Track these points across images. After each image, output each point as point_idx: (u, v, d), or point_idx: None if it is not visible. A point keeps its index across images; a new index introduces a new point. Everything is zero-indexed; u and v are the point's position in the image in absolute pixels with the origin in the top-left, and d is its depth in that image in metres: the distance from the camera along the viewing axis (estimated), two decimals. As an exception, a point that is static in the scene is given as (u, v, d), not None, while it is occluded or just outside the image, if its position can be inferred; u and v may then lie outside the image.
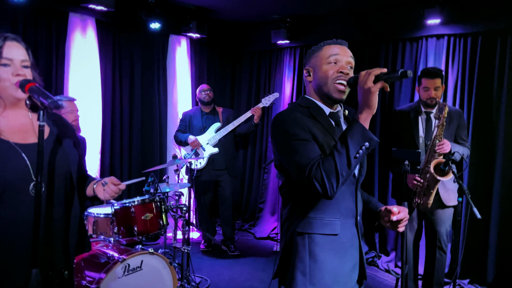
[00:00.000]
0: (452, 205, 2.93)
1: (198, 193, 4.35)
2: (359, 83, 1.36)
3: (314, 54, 1.53)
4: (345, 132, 1.36)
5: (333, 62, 1.49)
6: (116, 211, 2.70)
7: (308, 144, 1.40)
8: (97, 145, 3.94)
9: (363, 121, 1.36)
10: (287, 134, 1.41)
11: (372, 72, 1.34)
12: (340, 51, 1.50)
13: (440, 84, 2.90)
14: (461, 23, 3.77)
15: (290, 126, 1.42)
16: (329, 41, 1.52)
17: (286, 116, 1.46)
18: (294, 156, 1.39)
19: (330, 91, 1.48)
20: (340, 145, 1.34)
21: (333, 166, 1.33)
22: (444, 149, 2.78)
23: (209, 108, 4.31)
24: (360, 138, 1.34)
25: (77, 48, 3.78)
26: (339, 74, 1.47)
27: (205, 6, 4.53)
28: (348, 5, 4.32)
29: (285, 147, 1.42)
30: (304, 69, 1.57)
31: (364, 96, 1.34)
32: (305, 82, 1.58)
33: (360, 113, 1.36)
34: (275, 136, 1.47)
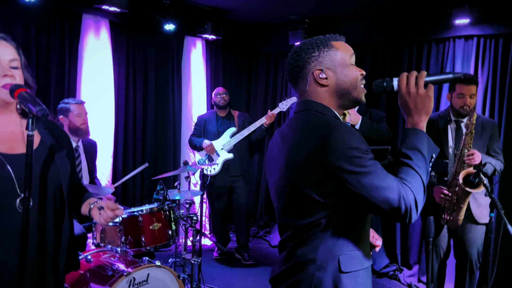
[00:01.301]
0: (485, 222, 2.70)
1: (212, 199, 4.23)
2: (404, 88, 1.23)
3: (326, 52, 1.28)
4: (412, 142, 1.20)
5: (353, 63, 1.32)
6: (123, 220, 2.59)
7: (378, 163, 1.18)
8: (110, 149, 3.86)
9: (425, 129, 1.23)
10: (357, 151, 1.14)
11: (422, 75, 1.22)
12: (351, 49, 1.33)
13: (475, 92, 2.68)
14: (492, 23, 3.52)
15: (356, 140, 1.15)
16: (332, 35, 1.32)
17: (340, 128, 1.17)
18: (376, 180, 1.13)
19: (359, 95, 1.31)
20: (416, 157, 1.19)
21: (421, 184, 1.17)
22: (475, 160, 2.56)
23: (224, 112, 4.18)
24: (428, 149, 1.21)
25: (90, 50, 3.71)
26: (361, 76, 1.32)
27: (220, 7, 4.42)
28: (368, 5, 4.12)
29: (358, 170, 1.13)
30: (316, 70, 1.28)
31: (420, 102, 1.21)
32: (314, 84, 1.30)
33: (419, 121, 1.23)
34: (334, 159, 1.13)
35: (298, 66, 1.30)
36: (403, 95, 1.23)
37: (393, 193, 1.12)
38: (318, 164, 1.15)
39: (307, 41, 1.31)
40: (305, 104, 1.30)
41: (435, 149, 1.23)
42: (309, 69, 1.29)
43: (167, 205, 2.68)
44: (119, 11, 3.61)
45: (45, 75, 3.47)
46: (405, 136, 1.23)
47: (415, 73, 1.23)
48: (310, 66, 1.29)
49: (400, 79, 1.25)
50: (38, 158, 1.34)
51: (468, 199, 2.59)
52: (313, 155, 1.16)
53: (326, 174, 1.15)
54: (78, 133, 3.05)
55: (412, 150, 1.19)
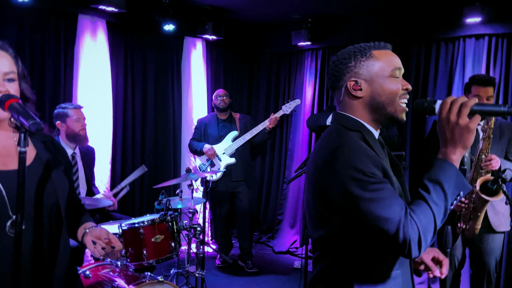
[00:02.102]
0: (503, 230, 2.58)
1: (214, 205, 4.09)
2: (445, 114, 1.10)
3: (363, 62, 1.19)
4: (437, 174, 1.08)
5: (397, 76, 1.19)
6: (123, 232, 2.45)
7: (388, 188, 1.08)
8: (108, 155, 3.72)
9: (456, 163, 1.10)
10: (359, 173, 1.06)
11: (467, 104, 1.08)
12: (397, 59, 1.21)
13: (492, 93, 2.55)
14: (504, 22, 3.40)
15: (361, 161, 1.07)
16: (375, 44, 1.21)
17: (347, 145, 1.11)
18: (375, 208, 1.04)
19: (397, 111, 1.19)
20: (435, 192, 1.06)
21: (432, 222, 1.05)
22: (493, 166, 2.43)
23: (225, 115, 4.04)
24: (455, 185, 1.08)
25: (86, 52, 3.56)
26: (404, 91, 1.19)
27: (221, 6, 4.28)
28: (374, 3, 3.99)
29: (357, 194, 1.06)
30: (350, 81, 1.21)
31: (458, 133, 1.08)
32: (347, 96, 1.22)
33: (452, 153, 1.10)
34: (335, 176, 1.08)
35: (335, 77, 1.24)
36: (441, 121, 1.11)
37: (391, 225, 1.03)
38: (323, 180, 1.13)
39: (345, 50, 1.24)
40: (335, 116, 1.26)
41: (465, 187, 1.09)
42: (344, 80, 1.22)
43: (170, 215, 2.54)
44: (117, 11, 3.46)
45: (39, 79, 3.32)
46: (431, 166, 1.11)
47: (462, 100, 1.09)
48: (346, 77, 1.22)
49: (442, 103, 1.12)
50: (33, 175, 1.21)
51: (485, 207, 2.46)
52: (319, 170, 1.14)
53: (329, 191, 1.12)
54: (77, 139, 2.91)
55: (434, 183, 1.07)
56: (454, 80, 3.69)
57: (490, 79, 2.58)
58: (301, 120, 4.79)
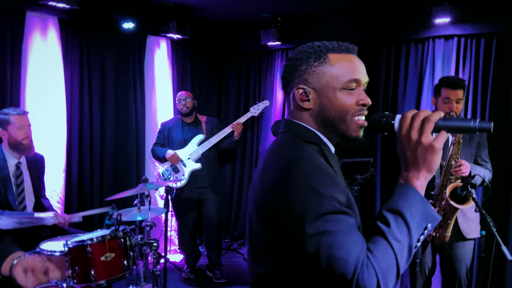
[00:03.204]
0: (474, 237, 2.50)
1: (180, 214, 3.88)
2: (405, 131, 0.91)
3: (314, 68, 0.99)
4: (398, 204, 0.89)
5: (352, 88, 0.99)
6: (70, 250, 2.23)
7: (348, 220, 0.88)
8: (61, 162, 3.45)
9: (421, 190, 0.91)
10: (317, 197, 0.87)
11: (431, 118, 0.89)
12: (359, 65, 1.01)
13: (462, 96, 2.46)
14: (473, 22, 3.35)
15: (322, 182, 0.89)
16: (334, 45, 1.00)
17: (305, 161, 0.92)
18: (330, 244, 0.85)
19: (349, 130, 1.00)
20: (397, 227, 0.87)
21: (394, 263, 0.85)
22: (463, 172, 2.35)
23: (191, 118, 3.84)
24: (421, 217, 0.89)
25: (36, 52, 3.28)
26: (360, 107, 1.00)
27: (186, 4, 4.07)
28: (345, 3, 3.89)
29: (312, 223, 0.86)
30: (297, 88, 1.01)
31: (421, 153, 0.90)
32: (294, 105, 1.04)
33: (415, 178, 0.91)
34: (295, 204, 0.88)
35: (285, 79, 1.06)
36: (402, 140, 0.93)
37: (348, 268, 0.83)
38: (271, 202, 0.93)
39: (301, 48, 1.04)
40: (287, 125, 1.05)
41: (433, 218, 0.91)
42: (292, 86, 1.03)
43: (123, 230, 2.33)
44: (69, 8, 3.21)
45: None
46: (392, 193, 0.93)
47: (425, 114, 0.91)
48: (294, 82, 1.02)
49: (402, 117, 0.94)
50: None
51: (456, 214, 2.37)
52: (267, 190, 0.94)
53: (277, 216, 0.91)
54: (20, 149, 2.66)
55: (395, 215, 0.88)
56: (424, 81, 3.63)
57: (460, 81, 2.49)
58: (271, 122, 4.64)
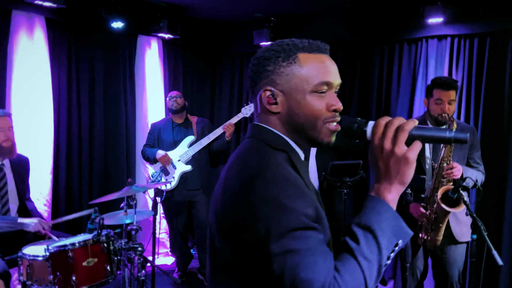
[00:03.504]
0: (466, 240, 2.45)
1: (170, 216, 3.82)
2: (377, 140, 0.84)
3: (283, 68, 0.92)
4: (368, 219, 0.82)
5: (323, 91, 0.92)
6: (51, 255, 2.17)
7: (317, 238, 0.81)
8: (48, 164, 3.38)
9: (393, 203, 0.84)
10: (282, 211, 0.80)
11: (404, 127, 0.82)
12: (330, 66, 0.93)
13: (455, 97, 2.41)
14: (467, 23, 3.30)
15: (289, 195, 0.81)
16: (305, 44, 0.93)
17: (271, 171, 0.84)
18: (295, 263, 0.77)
19: (320, 136, 0.93)
20: (367, 245, 0.80)
21: (362, 285, 0.79)
22: (455, 174, 2.30)
23: (181, 119, 3.78)
24: (392, 233, 0.82)
25: (22, 52, 3.22)
26: (332, 113, 0.93)
27: (178, 3, 4.01)
28: (338, 3, 3.84)
29: (276, 239, 0.79)
30: (264, 90, 0.93)
31: (394, 164, 0.83)
32: (262, 108, 0.96)
33: (386, 191, 0.84)
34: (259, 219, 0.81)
35: (251, 79, 0.97)
36: (373, 149, 0.86)
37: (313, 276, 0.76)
38: (232, 214, 0.85)
39: (269, 46, 0.96)
40: (254, 129, 0.97)
41: (405, 234, 0.84)
42: (259, 87, 0.95)
43: (106, 235, 2.27)
44: (55, 7, 3.14)
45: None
46: (362, 207, 0.85)
47: (399, 122, 0.84)
48: (261, 83, 0.94)
49: (375, 125, 0.87)
50: None
51: (447, 218, 2.33)
52: (229, 201, 0.87)
53: (238, 230, 0.84)
54: (0, 152, 2.60)
55: (364, 230, 0.81)
56: (417, 81, 3.58)
57: (452, 82, 2.45)
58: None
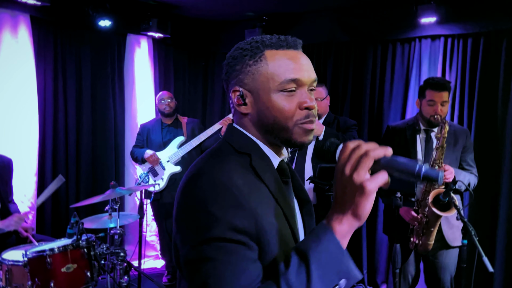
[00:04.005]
0: (458, 245, 2.39)
1: (160, 219, 3.75)
2: (341, 163, 0.75)
3: (249, 67, 0.87)
4: (308, 246, 0.73)
5: (292, 89, 0.85)
6: (29, 260, 2.10)
7: (241, 252, 0.75)
8: (33, 165, 3.29)
9: (342, 237, 0.74)
10: (207, 217, 0.76)
11: (370, 154, 0.73)
12: (299, 62, 0.87)
13: (447, 99, 2.35)
14: (460, 22, 3.25)
15: (217, 201, 0.76)
16: (273, 41, 0.87)
17: (211, 174, 0.80)
18: (207, 278, 0.73)
19: (294, 136, 0.87)
20: (296, 273, 0.71)
21: None
22: (446, 177, 2.24)
23: (170, 119, 3.70)
24: (331, 268, 0.72)
25: (6, 51, 3.13)
26: (305, 112, 0.86)
27: (167, 1, 3.94)
28: (331, 2, 3.78)
29: (196, 251, 0.76)
30: (232, 91, 0.90)
31: (350, 193, 0.73)
32: (233, 109, 0.93)
33: (337, 221, 0.74)
34: (184, 219, 0.80)
35: (224, 80, 0.94)
36: (336, 173, 0.77)
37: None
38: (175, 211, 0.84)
39: (237, 45, 0.92)
40: (227, 130, 0.94)
41: (349, 274, 0.73)
42: (230, 87, 0.92)
43: (86, 240, 2.19)
44: (40, 5, 3.06)
45: None
46: (310, 231, 0.78)
47: (367, 147, 0.74)
48: (231, 83, 0.91)
49: (343, 147, 0.77)
50: None
51: (439, 222, 2.27)
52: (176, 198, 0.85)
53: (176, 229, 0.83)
54: None
55: (299, 256, 0.73)
56: (410, 81, 3.53)
57: (445, 83, 2.38)
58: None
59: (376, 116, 3.72)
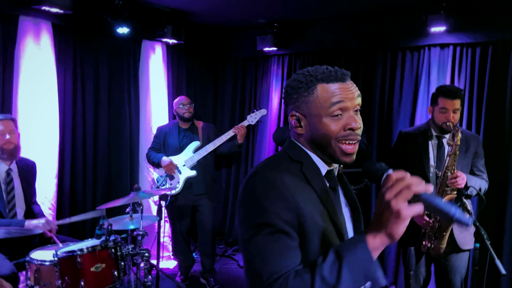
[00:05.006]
0: (469, 248, 2.48)
1: (173, 220, 3.84)
2: (384, 189, 0.88)
3: (304, 97, 1.05)
4: (345, 249, 0.89)
5: (338, 114, 1.03)
6: (60, 260, 2.19)
7: (282, 239, 0.92)
8: (53, 168, 3.39)
9: (374, 249, 0.88)
10: (260, 209, 0.93)
11: (412, 188, 0.85)
12: (345, 92, 1.03)
13: (459, 106, 2.43)
14: (469, 32, 3.35)
15: (267, 196, 0.94)
16: (323, 75, 1.04)
17: (265, 174, 1.00)
18: (255, 255, 0.92)
19: (336, 153, 1.05)
20: (330, 268, 0.87)
21: None
22: (458, 183, 2.33)
23: (187, 124, 3.79)
24: (359, 274, 0.87)
25: (29, 57, 3.24)
26: (347, 132, 1.02)
27: (182, 8, 4.05)
28: (341, 10, 3.88)
29: (248, 233, 0.94)
30: (290, 115, 1.09)
31: (387, 216, 0.86)
32: (291, 127, 1.12)
33: (372, 236, 0.88)
34: (242, 206, 1.00)
35: (285, 103, 1.15)
36: (378, 195, 0.91)
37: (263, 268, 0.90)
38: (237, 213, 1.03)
39: (295, 76, 1.10)
40: (287, 143, 1.14)
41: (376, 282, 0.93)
42: (289, 111, 1.12)
43: (114, 240, 2.29)
44: (62, 13, 3.17)
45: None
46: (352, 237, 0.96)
47: (410, 181, 0.86)
48: (289, 108, 1.11)
49: (387, 176, 0.91)
50: None
51: (451, 226, 2.35)
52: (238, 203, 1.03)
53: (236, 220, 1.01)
54: (2, 154, 2.62)
55: (336, 255, 0.88)
56: (419, 88, 3.62)
57: (458, 91, 2.44)
58: (267, 128, 4.62)
59: (386, 122, 3.82)
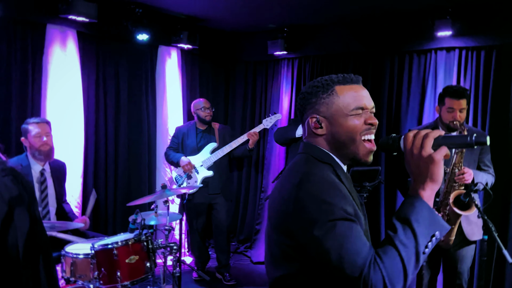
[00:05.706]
0: (476, 239, 2.64)
1: (190, 217, 4.02)
2: (408, 147, 1.04)
3: (323, 99, 1.14)
4: (406, 212, 1.00)
5: (359, 112, 1.13)
6: (96, 253, 2.36)
7: (356, 227, 1.01)
8: (79, 168, 3.58)
9: (428, 199, 1.01)
10: (326, 206, 1.00)
11: (429, 135, 1.02)
12: (361, 95, 1.14)
13: (465, 106, 2.58)
14: (474, 36, 3.51)
15: (330, 193, 1.02)
16: (340, 78, 1.15)
17: (316, 175, 1.06)
18: (339, 247, 0.97)
19: (359, 152, 1.13)
20: (404, 233, 0.97)
21: (400, 266, 0.95)
22: (466, 179, 2.49)
23: (205, 125, 3.96)
24: (428, 224, 0.99)
25: (56, 63, 3.42)
26: (367, 126, 1.14)
27: (196, 15, 4.22)
28: (350, 15, 4.04)
29: (322, 228, 0.99)
30: (310, 118, 1.16)
31: (423, 166, 1.01)
32: (310, 131, 1.19)
33: (421, 189, 1.01)
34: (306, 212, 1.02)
35: (299, 111, 1.23)
36: (407, 156, 1.05)
37: (355, 270, 0.95)
38: (286, 211, 1.07)
39: (311, 83, 1.20)
40: (304, 146, 1.21)
41: (441, 227, 1.01)
42: (307, 115, 1.19)
43: (145, 234, 2.46)
44: (88, 21, 3.35)
45: (6, 92, 3.16)
46: (402, 203, 1.04)
47: (425, 132, 1.04)
48: (308, 112, 1.18)
49: (405, 137, 1.07)
50: None
51: (459, 220, 2.51)
52: (283, 200, 1.08)
53: (292, 224, 1.05)
54: (38, 155, 2.79)
55: (402, 222, 0.99)
56: (426, 91, 3.77)
57: (463, 91, 2.59)
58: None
59: (393, 124, 3.98)
